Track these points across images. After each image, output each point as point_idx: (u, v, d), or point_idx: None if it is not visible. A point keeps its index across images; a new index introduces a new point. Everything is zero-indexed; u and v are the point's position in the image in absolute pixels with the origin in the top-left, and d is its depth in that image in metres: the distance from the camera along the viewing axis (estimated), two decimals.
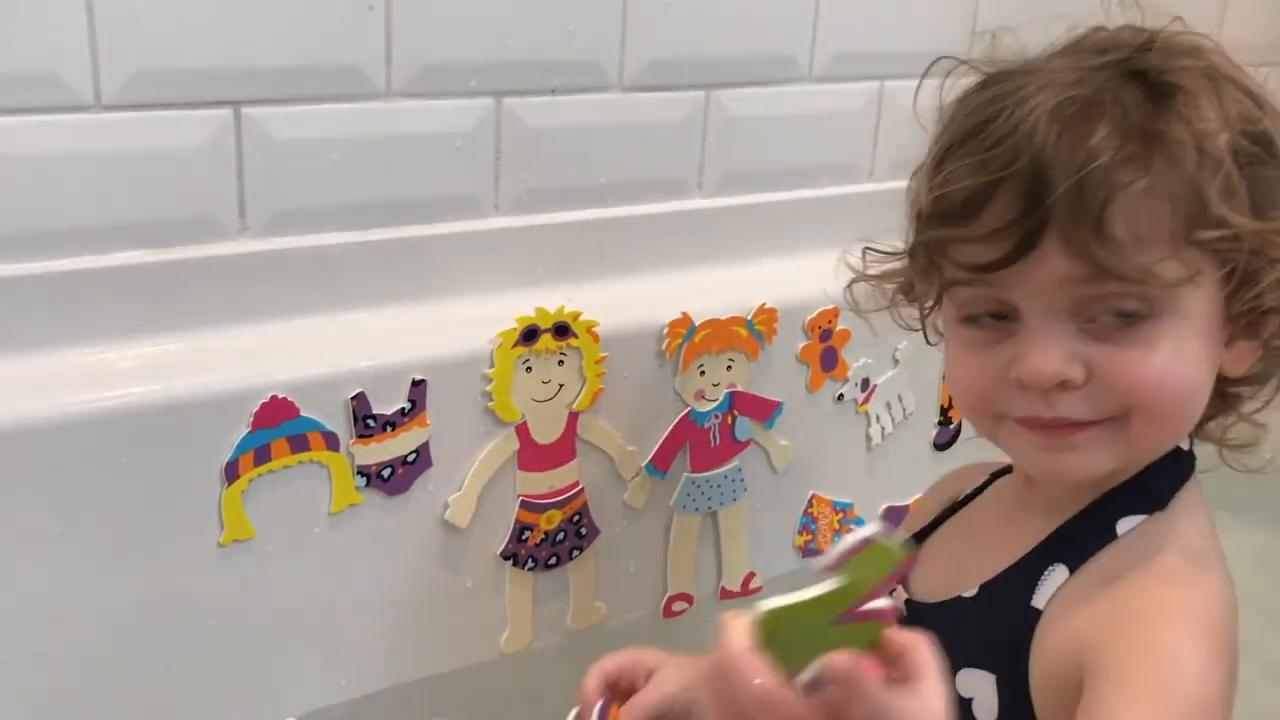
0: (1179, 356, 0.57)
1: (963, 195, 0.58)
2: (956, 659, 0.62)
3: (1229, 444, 0.65)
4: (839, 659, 0.44)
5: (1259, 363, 0.62)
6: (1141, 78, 0.57)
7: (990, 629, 0.62)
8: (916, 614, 0.68)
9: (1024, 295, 0.58)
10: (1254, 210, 0.57)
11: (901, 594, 0.70)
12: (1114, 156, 0.54)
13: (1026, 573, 0.62)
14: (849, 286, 0.74)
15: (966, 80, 0.64)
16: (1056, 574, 0.61)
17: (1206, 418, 0.64)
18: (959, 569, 0.67)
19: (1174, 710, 0.54)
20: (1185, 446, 0.63)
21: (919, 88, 0.66)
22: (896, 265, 0.69)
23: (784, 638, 0.45)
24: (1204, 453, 0.65)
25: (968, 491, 0.74)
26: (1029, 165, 0.55)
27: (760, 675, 0.44)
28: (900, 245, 0.67)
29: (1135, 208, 0.55)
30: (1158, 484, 0.62)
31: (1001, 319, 0.60)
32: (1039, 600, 0.61)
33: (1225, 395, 0.63)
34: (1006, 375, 0.59)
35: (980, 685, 0.62)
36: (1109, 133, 0.55)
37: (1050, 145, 0.55)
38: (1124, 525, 0.61)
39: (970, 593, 0.65)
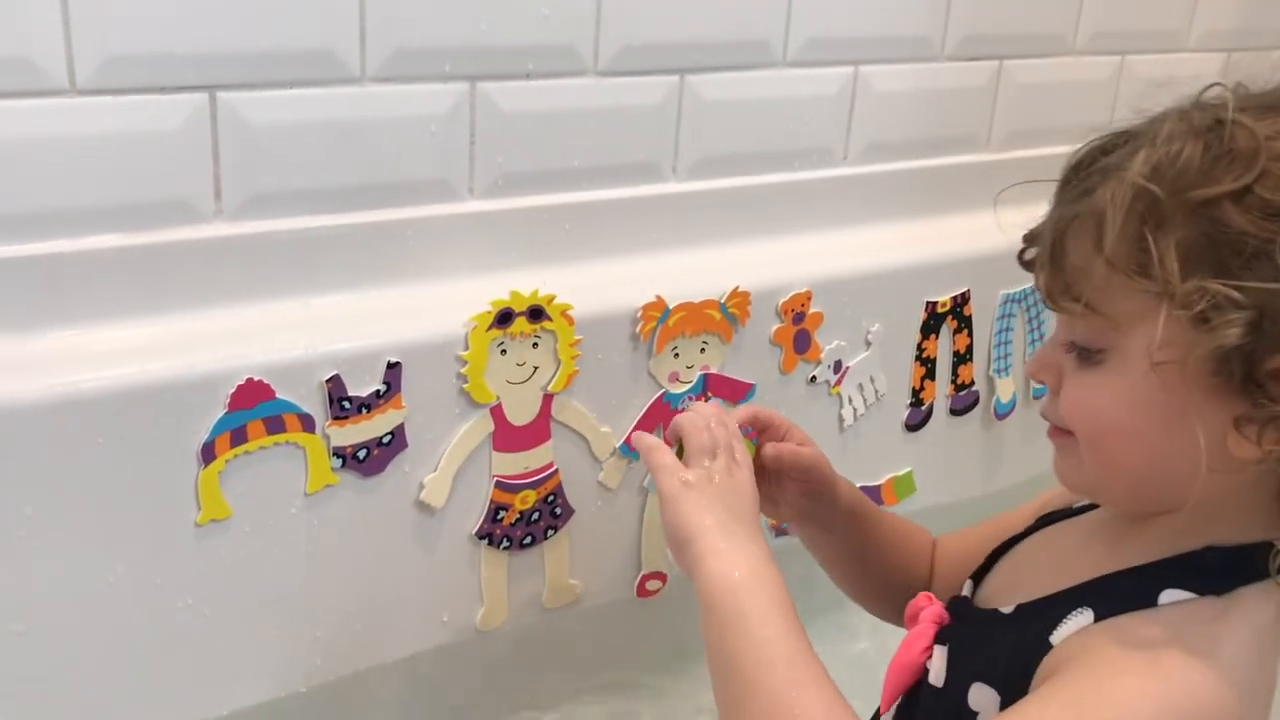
0: (1108, 390, 0.57)
1: None
2: (975, 670, 0.63)
3: None
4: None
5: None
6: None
7: (1008, 652, 0.61)
8: (962, 613, 0.69)
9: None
10: (1200, 264, 0.54)
11: (969, 586, 0.71)
12: (1086, 183, 0.58)
13: (1058, 608, 0.60)
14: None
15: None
16: (1081, 618, 0.59)
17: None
18: (1014, 583, 0.68)
19: None
20: None
21: None
22: None
23: None
24: None
25: (1076, 506, 0.72)
26: None
27: None
28: None
29: (1082, 235, 0.57)
30: (1224, 567, 0.57)
31: None
32: (1056, 637, 0.59)
33: None
34: None
35: (988, 702, 0.62)
36: (1106, 165, 0.58)
37: (1072, 166, 0.61)
38: (1167, 596, 0.57)
39: (1007, 610, 0.64)
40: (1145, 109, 0.59)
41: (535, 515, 1.00)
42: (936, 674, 0.66)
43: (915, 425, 1.23)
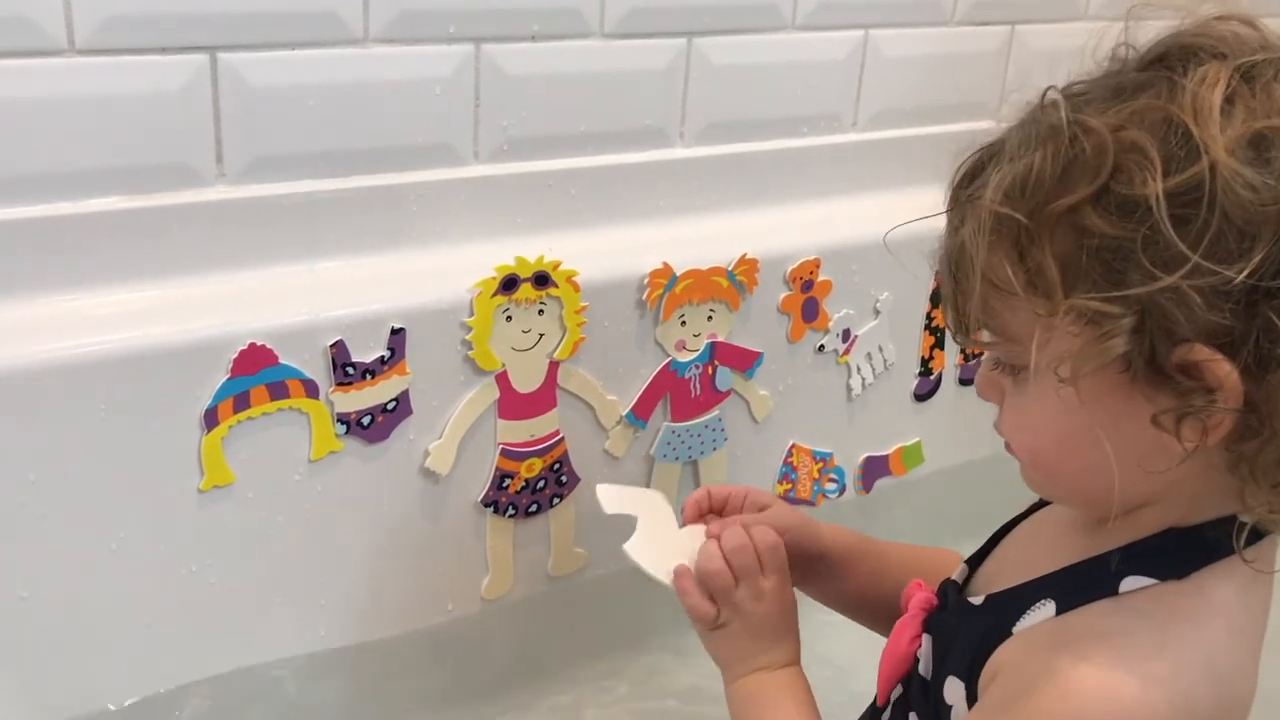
0: (1034, 405, 0.56)
1: None
2: (950, 664, 0.62)
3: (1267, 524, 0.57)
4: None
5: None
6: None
7: (972, 641, 0.61)
8: (947, 602, 0.67)
9: None
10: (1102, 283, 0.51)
11: (963, 571, 0.69)
12: (959, 214, 0.56)
13: (1023, 599, 0.59)
14: None
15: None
16: (1044, 610, 0.58)
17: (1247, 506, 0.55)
18: (998, 570, 0.66)
19: None
20: (1243, 518, 0.55)
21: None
22: None
23: None
24: None
25: None
26: None
27: None
28: None
29: (966, 267, 0.55)
30: (1182, 550, 0.56)
31: None
32: (1019, 627, 0.58)
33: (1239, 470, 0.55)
34: None
35: (958, 695, 0.61)
36: (971, 193, 0.55)
37: (951, 193, 0.58)
38: (1129, 584, 0.56)
39: (978, 600, 0.63)
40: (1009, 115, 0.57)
41: (541, 483, 0.99)
42: (925, 665, 0.65)
43: (924, 395, 1.22)
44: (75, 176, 0.83)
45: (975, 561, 0.70)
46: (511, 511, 0.99)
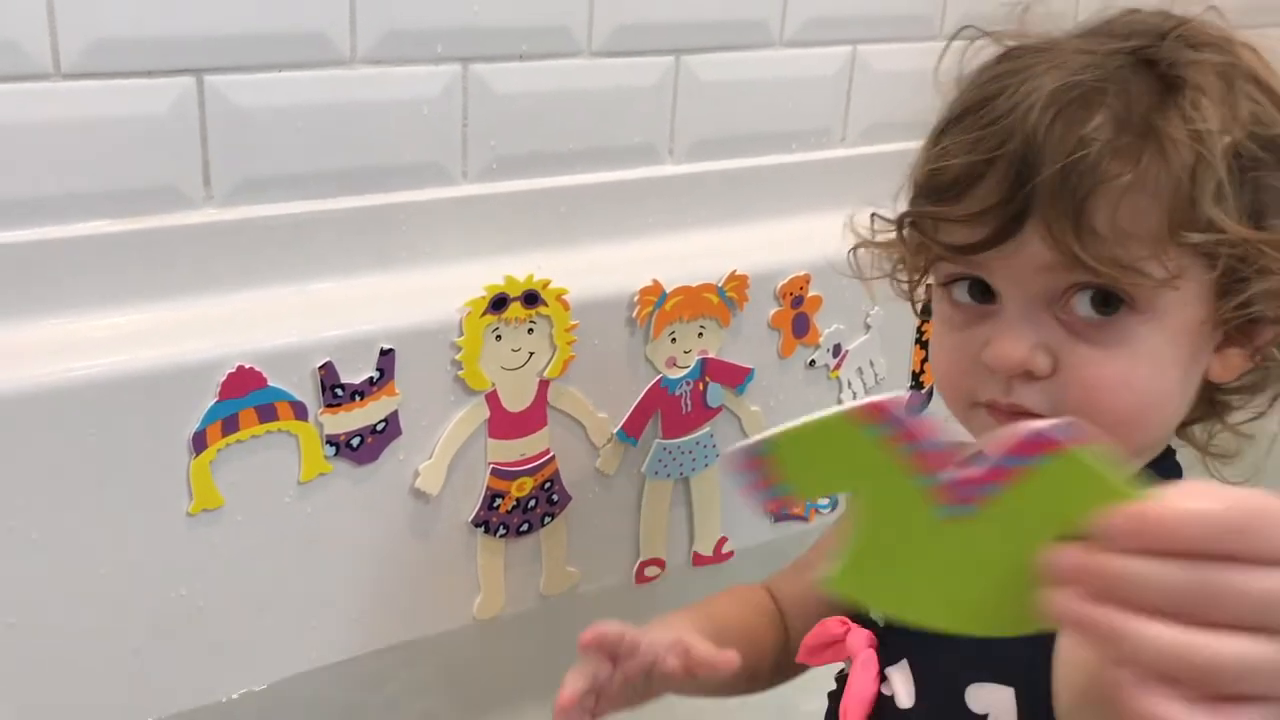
0: (1148, 359, 0.55)
1: (953, 173, 0.56)
2: (967, 673, 0.59)
3: (1211, 452, 0.62)
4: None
5: (1251, 371, 0.59)
6: (1153, 68, 0.55)
7: (1005, 639, 0.59)
8: (899, 630, 0.64)
9: (1003, 280, 0.57)
10: (1252, 217, 0.54)
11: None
12: (1103, 147, 0.53)
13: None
14: (853, 251, 0.71)
15: (989, 51, 0.62)
16: None
17: (1191, 421, 0.61)
18: None
19: None
20: (1173, 444, 0.61)
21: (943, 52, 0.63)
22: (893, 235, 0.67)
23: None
24: (1186, 457, 0.62)
25: None
26: (1019, 148, 0.54)
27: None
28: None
29: (1119, 201, 0.53)
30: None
31: (984, 299, 0.58)
32: None
33: (1214, 402, 0.60)
34: (979, 358, 0.58)
35: (997, 700, 0.59)
36: (1104, 122, 0.53)
37: (1043, 130, 0.53)
38: None
39: None
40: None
41: (532, 502, 0.99)
42: (904, 696, 0.62)
43: (916, 409, 1.21)
44: (62, 200, 0.83)
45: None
46: (503, 531, 0.98)
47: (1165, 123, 0.53)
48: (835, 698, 0.69)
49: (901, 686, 0.63)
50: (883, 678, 0.63)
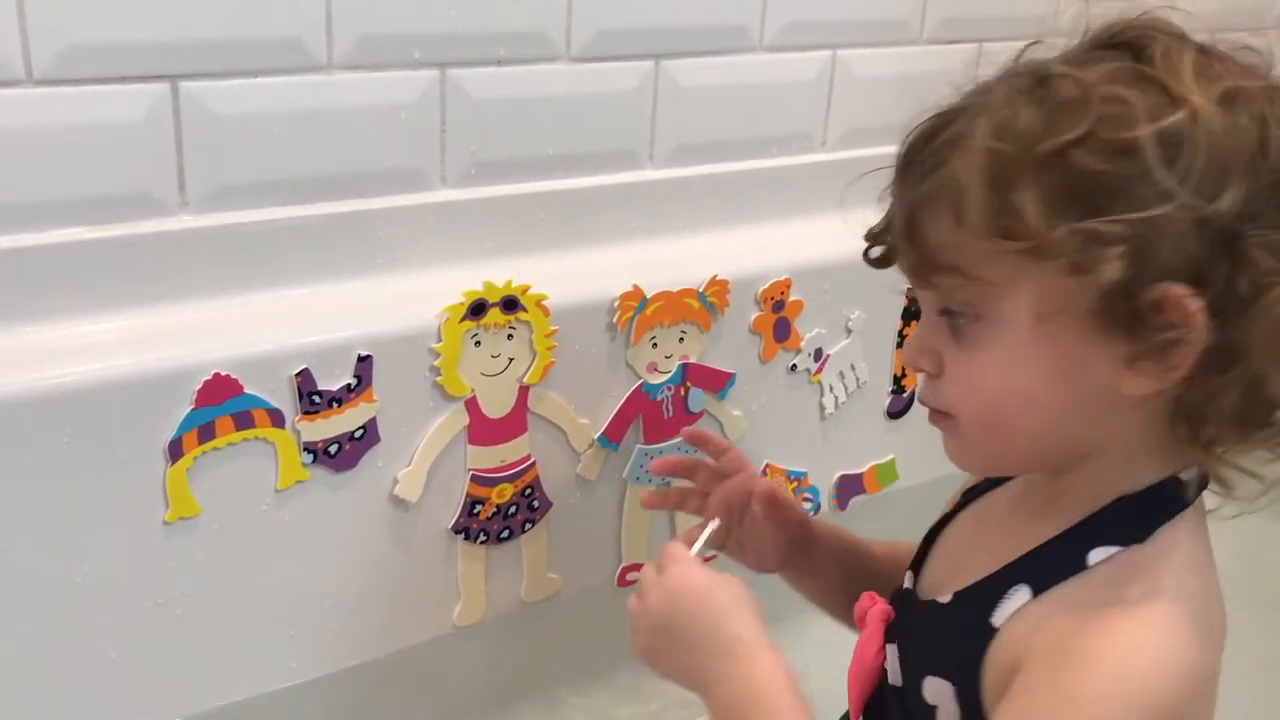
0: (997, 362, 0.57)
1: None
2: (925, 664, 0.63)
3: (1216, 478, 0.60)
4: None
5: (1193, 394, 0.55)
6: (1038, 80, 0.57)
7: (954, 642, 0.61)
8: (907, 607, 0.68)
9: (914, 290, 0.62)
10: (1054, 217, 0.53)
11: (910, 577, 0.70)
12: (919, 163, 0.58)
13: (994, 589, 0.60)
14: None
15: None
16: (1019, 595, 0.59)
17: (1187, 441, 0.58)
18: (951, 569, 0.67)
19: None
20: (1184, 476, 0.59)
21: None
22: None
23: None
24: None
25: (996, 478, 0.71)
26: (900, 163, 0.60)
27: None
28: None
29: (932, 214, 0.57)
30: (1140, 514, 0.58)
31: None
32: (997, 619, 0.59)
33: (1191, 425, 0.57)
34: None
35: (943, 694, 0.62)
36: (937, 141, 0.57)
37: (903, 151, 0.60)
38: (1096, 556, 0.58)
39: (945, 599, 0.64)
40: (962, 86, 0.60)
41: (513, 509, 0.99)
42: (894, 673, 0.66)
43: (897, 413, 1.22)
44: (36, 208, 0.82)
45: (916, 566, 0.71)
46: (483, 538, 0.98)
47: (965, 134, 0.56)
48: None
49: (893, 664, 0.66)
50: (885, 654, 0.67)
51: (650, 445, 1.04)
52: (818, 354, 1.13)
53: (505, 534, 0.99)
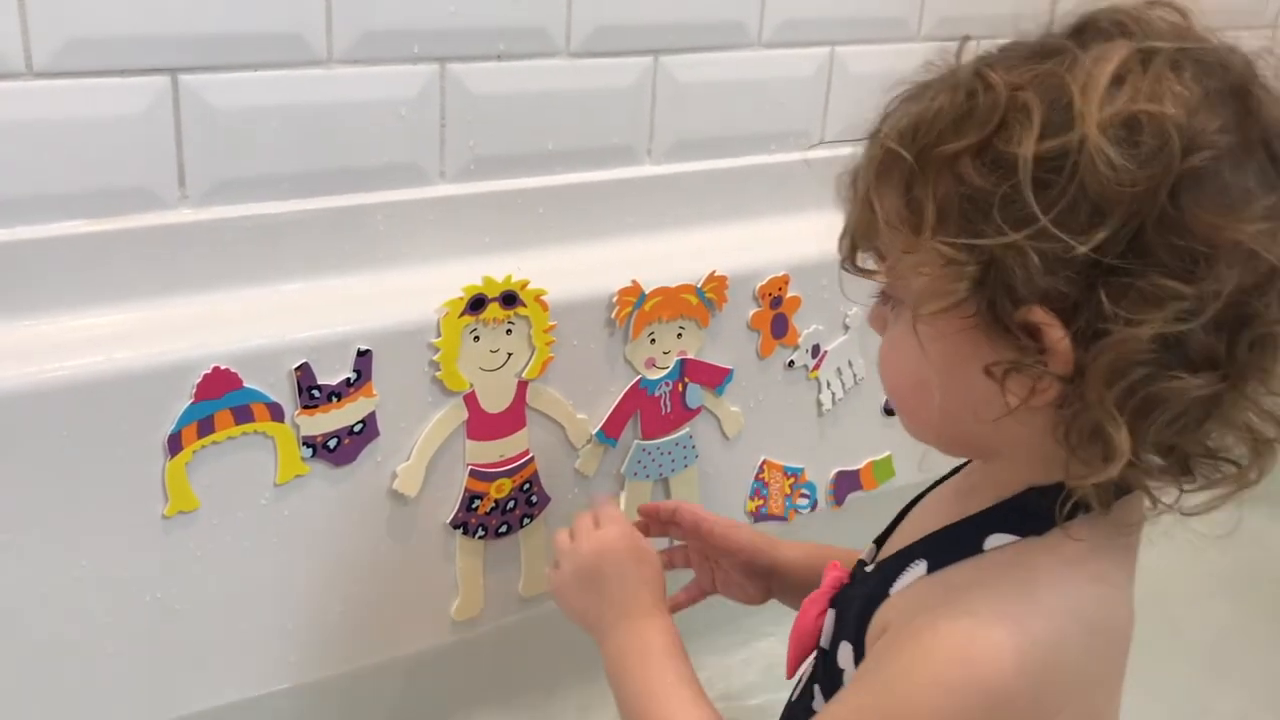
0: (896, 346, 0.60)
1: None
2: (842, 630, 0.66)
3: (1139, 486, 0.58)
4: None
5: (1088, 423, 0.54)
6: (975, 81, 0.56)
7: (860, 606, 0.64)
8: (855, 577, 0.71)
9: None
10: (944, 219, 0.54)
11: (871, 550, 0.71)
12: (873, 144, 0.59)
13: (902, 560, 0.63)
14: None
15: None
16: (917, 568, 0.61)
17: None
18: (897, 543, 0.68)
19: None
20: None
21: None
22: None
23: None
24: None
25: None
26: None
27: None
28: None
29: (855, 205, 0.60)
30: (1044, 508, 0.57)
31: None
32: (895, 588, 0.62)
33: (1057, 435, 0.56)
34: None
35: (848, 658, 0.64)
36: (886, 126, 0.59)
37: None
38: (992, 541, 0.59)
39: (870, 568, 0.67)
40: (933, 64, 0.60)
41: (511, 504, 0.99)
42: (826, 636, 0.69)
43: (893, 410, 1.22)
44: (36, 201, 0.82)
45: (881, 539, 0.72)
46: (481, 533, 0.98)
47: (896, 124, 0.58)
48: None
49: (827, 629, 0.69)
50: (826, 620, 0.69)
51: (648, 441, 1.04)
52: (815, 350, 1.13)
53: (504, 529, 0.99)
